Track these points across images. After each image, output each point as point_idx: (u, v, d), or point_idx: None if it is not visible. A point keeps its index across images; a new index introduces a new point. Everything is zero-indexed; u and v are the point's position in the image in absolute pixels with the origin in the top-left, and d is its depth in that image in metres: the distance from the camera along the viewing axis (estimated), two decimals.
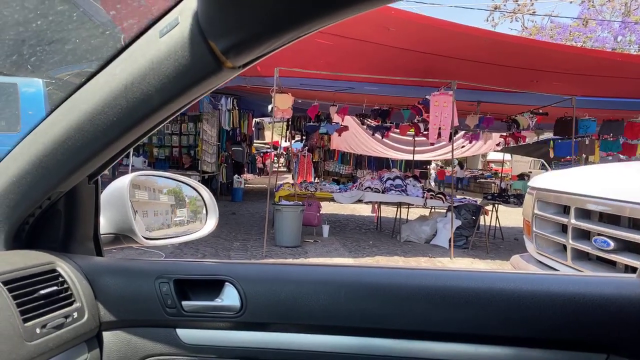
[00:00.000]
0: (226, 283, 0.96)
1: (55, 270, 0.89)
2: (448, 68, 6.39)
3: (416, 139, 11.21)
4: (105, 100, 0.75)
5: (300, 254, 6.23)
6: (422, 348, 0.90)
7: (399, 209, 8.09)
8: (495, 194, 8.68)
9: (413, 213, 8.51)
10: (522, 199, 7.38)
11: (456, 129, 7.64)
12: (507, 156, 15.43)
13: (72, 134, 0.79)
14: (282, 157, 22.49)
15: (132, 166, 7.58)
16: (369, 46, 5.79)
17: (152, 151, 11.99)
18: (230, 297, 0.95)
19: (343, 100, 8.68)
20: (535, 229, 2.68)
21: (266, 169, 23.29)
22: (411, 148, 12.03)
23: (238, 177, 12.71)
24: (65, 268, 0.91)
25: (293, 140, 14.50)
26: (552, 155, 9.62)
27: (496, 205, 7.84)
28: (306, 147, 13.72)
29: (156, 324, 0.97)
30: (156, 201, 1.37)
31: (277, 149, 11.06)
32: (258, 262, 1.30)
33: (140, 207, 1.19)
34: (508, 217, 8.59)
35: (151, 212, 1.30)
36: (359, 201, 7.64)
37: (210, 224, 1.32)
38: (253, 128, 15.24)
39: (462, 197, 8.39)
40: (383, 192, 7.60)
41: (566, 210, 2.50)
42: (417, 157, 13.19)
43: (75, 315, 0.87)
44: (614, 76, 6.47)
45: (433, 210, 8.17)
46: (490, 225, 7.73)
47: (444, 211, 7.74)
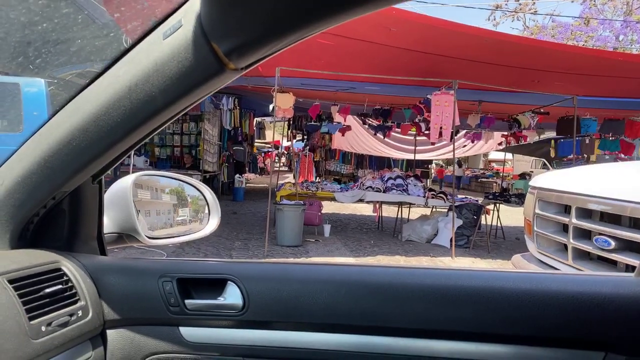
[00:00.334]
0: (229, 282, 0.97)
1: (59, 269, 0.90)
2: (449, 68, 6.39)
3: (417, 139, 11.21)
4: (109, 101, 0.76)
5: (301, 254, 6.24)
6: (423, 346, 0.91)
7: (400, 209, 8.09)
8: (496, 194, 8.68)
9: (414, 212, 8.51)
10: (524, 199, 7.38)
11: (457, 129, 7.63)
12: (509, 155, 15.41)
13: (77, 135, 0.80)
14: (283, 157, 22.49)
15: (134, 166, 7.59)
16: (371, 46, 5.79)
17: (154, 151, 12.01)
18: (232, 296, 0.95)
19: (344, 99, 8.68)
20: (536, 229, 2.68)
21: (266, 169, 23.28)
22: (412, 147, 12.03)
23: (239, 177, 12.72)
24: (69, 267, 0.92)
25: (294, 139, 14.51)
26: (554, 154, 9.61)
27: (497, 204, 7.84)
28: (307, 147, 13.72)
29: (159, 323, 0.98)
30: (158, 201, 1.38)
31: (278, 149, 11.02)
32: (260, 261, 1.30)
33: (142, 207, 1.19)
34: (509, 217, 8.58)
35: (153, 212, 1.30)
36: (360, 201, 7.64)
37: (212, 224, 1.33)
38: (254, 127, 15.24)
39: (464, 197, 8.39)
40: (384, 192, 7.60)
41: (567, 209, 2.50)
42: (419, 157, 13.18)
43: (79, 313, 0.88)
44: (616, 76, 6.46)
45: (434, 209, 8.17)
46: (491, 224, 7.74)
47: (445, 210, 7.74)
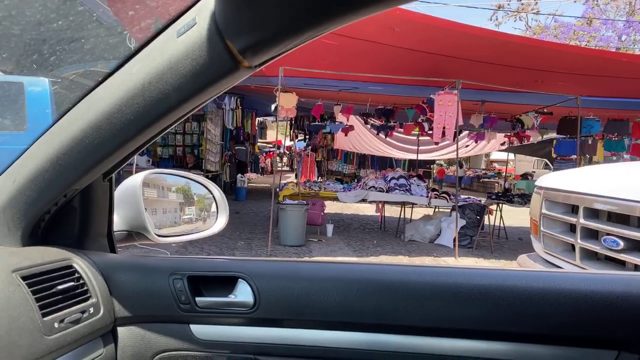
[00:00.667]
0: (239, 280, 0.97)
1: (71, 266, 0.90)
2: (452, 68, 6.38)
3: (420, 139, 11.20)
4: (122, 99, 0.76)
5: (304, 253, 6.23)
6: (435, 344, 0.91)
7: (403, 209, 8.08)
8: (499, 194, 8.66)
9: (417, 212, 8.50)
10: (526, 199, 7.38)
11: (460, 129, 7.62)
12: (511, 156, 15.39)
13: (90, 132, 0.80)
14: (285, 157, 22.50)
15: (137, 165, 7.58)
16: (374, 46, 5.78)
17: (156, 150, 12.01)
18: (243, 294, 0.96)
19: (347, 99, 8.67)
20: (543, 229, 2.67)
21: (267, 168, 23.28)
22: (415, 147, 12.01)
23: (241, 176, 12.73)
24: (81, 264, 0.92)
25: (296, 139, 14.51)
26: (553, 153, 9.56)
27: (500, 204, 7.83)
28: (309, 147, 13.72)
29: (170, 320, 0.98)
30: (165, 199, 1.38)
31: (279, 148, 11.03)
32: (271, 259, 1.31)
33: (148, 205, 1.19)
34: (512, 217, 8.57)
35: (160, 210, 1.31)
36: (363, 200, 7.63)
37: (221, 222, 1.33)
38: (256, 127, 15.24)
39: (467, 197, 8.37)
40: (387, 192, 7.59)
41: (574, 209, 2.49)
42: (422, 157, 13.16)
43: (91, 310, 0.89)
44: (619, 76, 6.45)
45: (437, 209, 8.16)
46: (493, 224, 7.72)
47: (448, 211, 7.73)
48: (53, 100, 4.80)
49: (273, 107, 7.05)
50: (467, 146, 12.54)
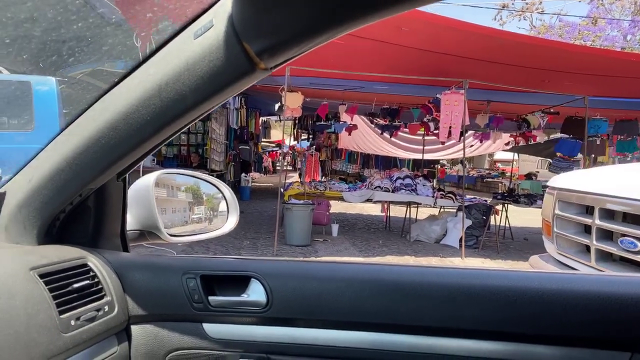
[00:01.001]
0: (252, 279, 0.98)
1: (86, 264, 0.92)
2: (459, 67, 6.35)
3: (425, 138, 11.16)
4: (139, 99, 0.77)
5: (310, 253, 6.21)
6: (447, 345, 0.91)
7: (409, 209, 8.05)
8: (505, 194, 8.61)
9: (422, 212, 8.47)
10: (532, 199, 7.33)
11: (466, 128, 7.58)
12: (516, 155, 15.34)
13: (106, 132, 0.82)
14: (288, 156, 22.49)
15: (142, 164, 7.59)
16: (381, 45, 5.75)
17: (161, 150, 12.03)
18: (256, 293, 0.96)
19: (352, 99, 8.64)
20: (556, 230, 2.64)
21: (269, 168, 23.31)
22: (420, 147, 11.98)
23: (245, 176, 12.74)
24: (95, 263, 0.94)
25: (300, 138, 14.50)
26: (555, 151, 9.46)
27: (506, 204, 7.79)
28: (313, 146, 13.70)
29: (183, 319, 1.00)
30: (174, 198, 1.41)
31: (282, 147, 11.06)
32: (283, 259, 1.32)
33: (158, 205, 1.21)
34: (517, 217, 8.53)
35: (169, 210, 1.32)
36: (368, 200, 7.61)
37: (231, 221, 1.35)
38: (260, 127, 15.24)
39: (472, 197, 8.34)
40: (393, 192, 7.56)
41: (589, 210, 2.45)
42: (427, 157, 13.13)
43: (106, 308, 0.90)
44: (627, 76, 6.41)
45: (442, 209, 8.12)
46: (499, 225, 7.68)
47: (454, 211, 7.70)
48: (60, 99, 4.80)
49: (277, 107, 7.04)
50: (472, 146, 12.50)
